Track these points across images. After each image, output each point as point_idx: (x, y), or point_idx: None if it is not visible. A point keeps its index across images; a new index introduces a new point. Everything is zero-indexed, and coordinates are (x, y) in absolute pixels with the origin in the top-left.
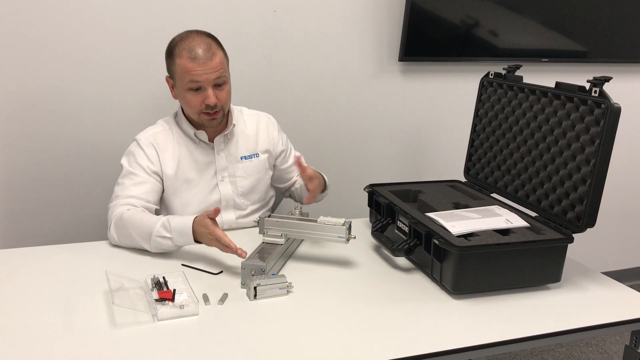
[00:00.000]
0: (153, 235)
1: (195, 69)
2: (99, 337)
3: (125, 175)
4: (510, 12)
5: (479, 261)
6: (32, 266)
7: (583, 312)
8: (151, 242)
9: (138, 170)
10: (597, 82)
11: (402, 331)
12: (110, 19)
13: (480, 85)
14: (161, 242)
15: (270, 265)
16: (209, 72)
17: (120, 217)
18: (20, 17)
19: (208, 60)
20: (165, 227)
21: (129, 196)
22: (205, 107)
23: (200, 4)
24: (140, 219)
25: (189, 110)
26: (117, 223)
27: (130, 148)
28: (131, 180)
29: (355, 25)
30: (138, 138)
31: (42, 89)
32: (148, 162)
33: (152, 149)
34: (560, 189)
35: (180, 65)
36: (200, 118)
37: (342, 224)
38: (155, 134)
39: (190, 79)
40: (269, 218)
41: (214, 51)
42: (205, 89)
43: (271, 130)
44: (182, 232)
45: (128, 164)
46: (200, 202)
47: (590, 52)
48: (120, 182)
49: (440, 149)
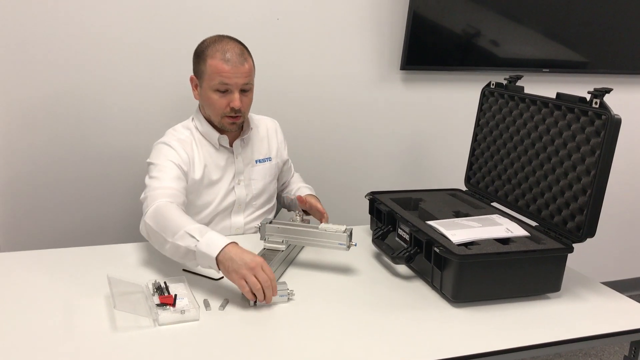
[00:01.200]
0: (183, 228)
1: (227, 71)
2: (100, 341)
3: (160, 170)
4: (511, 22)
5: (479, 270)
6: (34, 270)
7: (582, 322)
8: (176, 235)
9: (172, 166)
10: (597, 93)
11: (402, 339)
12: (116, 26)
13: (482, 94)
14: (186, 239)
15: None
16: (239, 76)
17: (160, 206)
18: (35, 22)
19: (240, 65)
20: (199, 230)
21: (169, 187)
22: (229, 110)
23: (202, 12)
24: (180, 214)
25: (212, 111)
26: (157, 210)
27: (159, 148)
28: (168, 174)
29: (357, 34)
30: (167, 141)
31: (45, 94)
32: (180, 161)
33: (183, 152)
34: (560, 198)
35: (212, 66)
36: (222, 121)
37: (343, 231)
38: (182, 140)
39: (220, 80)
40: (270, 224)
41: (245, 57)
42: (232, 92)
43: (279, 135)
44: (212, 242)
45: (160, 160)
46: (217, 204)
47: (591, 63)
48: (155, 176)
49: (441, 158)
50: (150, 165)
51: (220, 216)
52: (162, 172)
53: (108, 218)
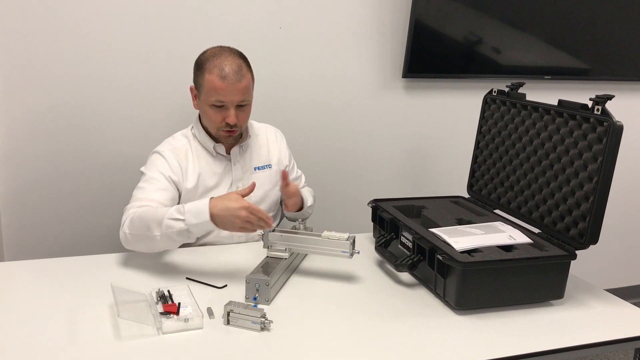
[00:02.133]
0: (165, 217)
1: (223, 88)
2: (103, 350)
3: (147, 180)
4: (513, 29)
5: (482, 277)
6: (38, 278)
7: (586, 329)
8: (162, 227)
9: (160, 178)
10: (599, 100)
11: (405, 346)
12: (120, 34)
13: (484, 102)
14: (172, 224)
15: (274, 280)
16: (235, 93)
17: (135, 213)
18: (38, 31)
19: (237, 82)
20: (179, 210)
21: (150, 199)
22: (225, 125)
23: (205, 21)
24: (155, 210)
25: (208, 124)
26: (132, 218)
27: (152, 158)
28: (153, 186)
29: (359, 42)
30: (160, 150)
31: (49, 102)
32: (170, 171)
33: (174, 161)
34: (563, 205)
35: (209, 81)
36: (217, 133)
37: (346, 238)
38: (177, 148)
39: (216, 98)
40: (273, 232)
41: (243, 73)
42: (228, 108)
43: (280, 143)
44: (197, 211)
45: (150, 171)
46: None
47: (593, 70)
48: (141, 187)
49: (444, 165)
50: (141, 175)
51: None
52: (148, 182)
53: (112, 227)
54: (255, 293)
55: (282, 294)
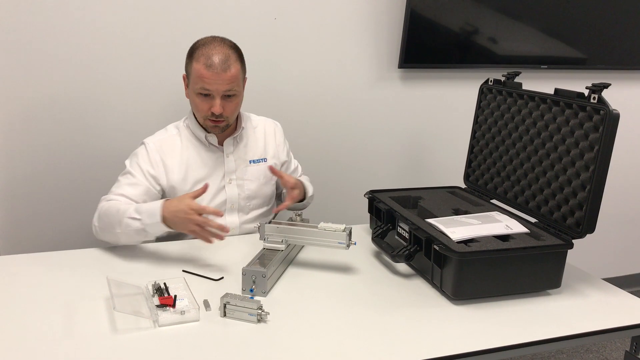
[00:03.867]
0: (125, 216)
1: (208, 77)
2: (100, 343)
3: (124, 174)
4: (509, 19)
5: (479, 267)
6: (33, 272)
7: (583, 318)
8: (122, 225)
9: (136, 172)
10: (595, 88)
11: (402, 337)
12: (115, 28)
13: (480, 92)
14: (130, 222)
15: (271, 272)
16: (221, 83)
17: (102, 208)
18: (35, 24)
19: (222, 72)
20: (137, 210)
21: (120, 194)
22: (210, 115)
23: (200, 13)
24: (117, 205)
25: (196, 112)
26: (100, 212)
27: (136, 150)
28: (127, 180)
29: (355, 33)
30: (146, 142)
31: (43, 96)
32: (149, 165)
33: (156, 154)
34: (559, 195)
35: (195, 69)
36: (205, 123)
37: (343, 229)
38: (162, 140)
39: (201, 86)
40: (269, 224)
41: (230, 64)
42: (214, 98)
43: (278, 137)
44: (151, 212)
45: (129, 164)
46: (207, 203)
47: (589, 59)
48: (118, 180)
49: (440, 155)
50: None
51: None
52: (124, 176)
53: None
54: (252, 285)
55: (279, 286)
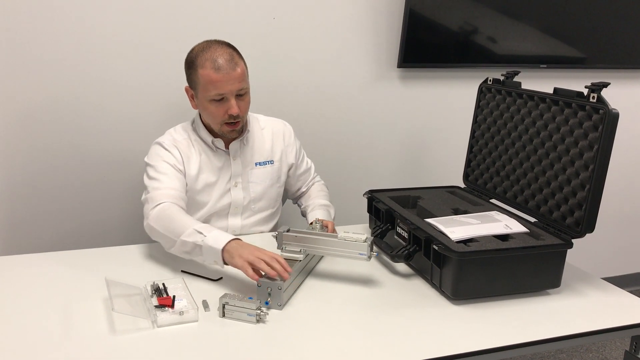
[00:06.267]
0: (192, 227)
1: (219, 80)
2: (98, 344)
3: (157, 170)
4: (508, 18)
5: (479, 267)
6: (31, 273)
7: (583, 318)
8: (183, 235)
9: (168, 168)
10: (595, 87)
11: (402, 337)
12: (114, 28)
13: (479, 91)
14: (194, 235)
15: (288, 283)
16: (233, 82)
17: (164, 208)
18: (33, 25)
19: (232, 71)
20: (206, 228)
21: (170, 187)
22: (228, 118)
23: (199, 13)
24: (184, 215)
25: (212, 120)
26: (162, 210)
27: (154, 149)
28: (166, 175)
29: (354, 32)
30: (160, 141)
31: (42, 97)
32: (174, 160)
33: (176, 150)
34: (559, 194)
35: (204, 76)
36: (221, 129)
37: (364, 240)
38: (175, 138)
39: (215, 92)
40: (287, 233)
41: (236, 61)
42: (228, 100)
43: (287, 138)
44: (218, 238)
45: (156, 162)
46: (212, 205)
47: (588, 58)
48: (154, 177)
49: (440, 155)
50: (147, 167)
51: (216, 217)
52: (160, 172)
53: (106, 221)
54: (267, 297)
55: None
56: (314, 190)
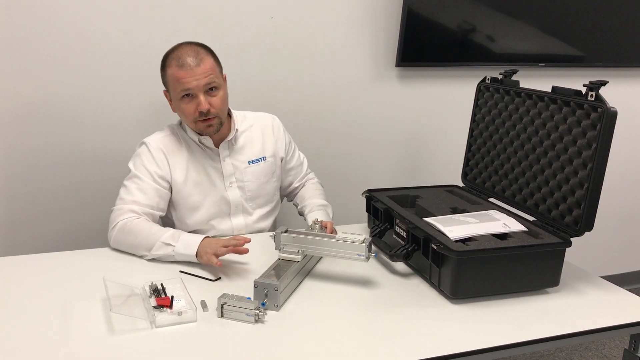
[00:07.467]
0: (159, 241)
1: (184, 76)
2: (96, 344)
3: (131, 177)
4: (506, 17)
5: (477, 266)
6: (30, 273)
7: (582, 316)
8: (153, 248)
9: (144, 175)
10: (593, 86)
11: (401, 336)
12: (110, 26)
13: (477, 90)
14: (162, 247)
15: (285, 284)
16: (198, 77)
17: (125, 224)
18: (21, 24)
19: (196, 67)
20: (173, 237)
21: (132, 201)
22: (199, 115)
23: (197, 13)
24: (148, 228)
25: (186, 120)
26: (122, 229)
27: (138, 151)
28: (136, 185)
29: (352, 31)
30: (147, 142)
31: (40, 96)
32: (156, 167)
33: (160, 154)
34: (557, 193)
35: (171, 75)
36: (197, 126)
37: (362, 241)
38: (164, 138)
39: (181, 88)
40: (285, 233)
41: (202, 57)
42: (196, 96)
43: (276, 132)
44: (188, 243)
45: (134, 167)
46: (210, 207)
47: (586, 57)
48: (125, 185)
49: (438, 154)
50: (130, 164)
51: (218, 219)
52: (132, 181)
53: (104, 221)
54: (264, 298)
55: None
56: (310, 189)
